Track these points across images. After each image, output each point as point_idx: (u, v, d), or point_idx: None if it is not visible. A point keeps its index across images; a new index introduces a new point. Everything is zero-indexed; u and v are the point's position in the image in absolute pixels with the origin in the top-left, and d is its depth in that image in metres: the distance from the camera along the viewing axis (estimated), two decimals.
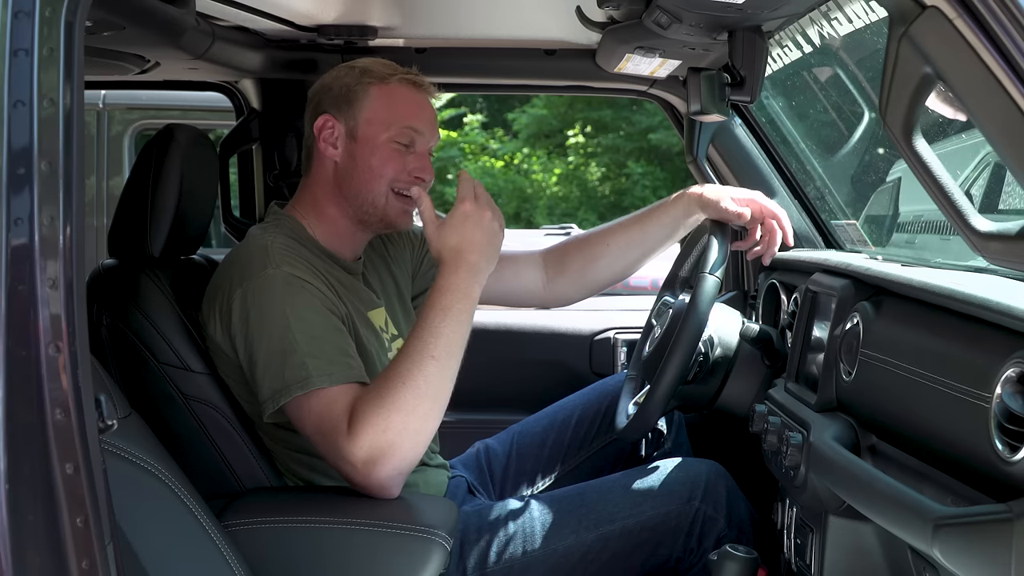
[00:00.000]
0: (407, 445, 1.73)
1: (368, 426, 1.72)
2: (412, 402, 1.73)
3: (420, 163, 2.01)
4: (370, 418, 1.72)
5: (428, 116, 2.04)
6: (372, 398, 1.75)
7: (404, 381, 1.74)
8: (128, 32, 1.86)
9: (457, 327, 1.78)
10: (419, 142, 2.02)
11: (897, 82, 1.32)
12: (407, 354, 1.77)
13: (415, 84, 2.03)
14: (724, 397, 2.18)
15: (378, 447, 1.71)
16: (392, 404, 1.72)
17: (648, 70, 2.37)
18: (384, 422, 1.72)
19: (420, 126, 2.01)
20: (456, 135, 14.80)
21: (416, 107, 2.02)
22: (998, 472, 1.26)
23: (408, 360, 1.76)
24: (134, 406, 1.56)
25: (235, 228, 2.81)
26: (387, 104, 2.00)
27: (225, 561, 1.55)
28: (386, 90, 2.01)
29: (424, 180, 2.01)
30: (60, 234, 1.17)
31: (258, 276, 1.86)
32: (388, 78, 2.02)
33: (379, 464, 1.72)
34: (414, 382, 1.74)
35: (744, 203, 2.20)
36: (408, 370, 1.75)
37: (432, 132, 2.04)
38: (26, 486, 1.16)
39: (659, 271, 2.59)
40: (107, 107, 5.61)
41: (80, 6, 1.19)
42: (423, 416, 1.74)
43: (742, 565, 1.88)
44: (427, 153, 2.04)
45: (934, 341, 1.50)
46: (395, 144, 1.99)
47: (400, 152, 2.00)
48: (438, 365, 1.75)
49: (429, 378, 1.74)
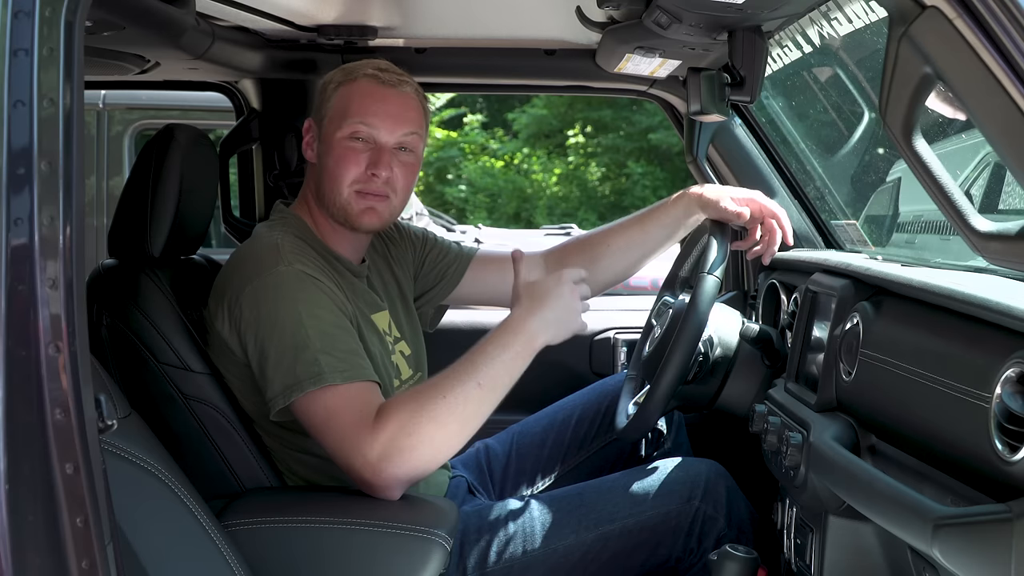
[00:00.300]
0: (425, 455, 1.74)
1: (395, 423, 1.73)
2: (446, 416, 1.75)
3: (375, 158, 1.96)
4: (400, 416, 1.73)
5: (387, 109, 1.97)
6: (408, 400, 1.76)
7: (445, 395, 1.76)
8: (128, 32, 1.86)
9: (509, 366, 1.81)
10: (378, 137, 1.97)
11: (897, 82, 1.32)
12: (456, 372, 1.79)
13: (377, 78, 1.98)
14: (724, 397, 2.18)
15: (397, 447, 1.72)
16: (426, 411, 1.74)
17: (648, 70, 2.37)
18: (412, 425, 1.73)
19: (373, 120, 1.96)
20: (456, 135, 14.80)
21: (372, 100, 1.97)
22: (998, 472, 1.26)
23: (455, 378, 1.78)
24: (134, 406, 1.56)
25: (235, 228, 2.81)
26: (343, 102, 1.98)
27: (225, 561, 1.55)
28: (347, 88, 1.98)
29: (378, 176, 1.96)
30: (60, 234, 1.17)
31: (270, 272, 1.85)
32: (354, 74, 1.99)
33: (392, 463, 1.72)
34: (455, 399, 1.76)
35: (744, 203, 2.20)
36: (452, 387, 1.77)
37: (394, 124, 1.97)
38: (26, 486, 1.16)
39: (659, 271, 2.59)
40: (107, 107, 5.62)
41: (80, 6, 1.19)
42: (450, 434, 1.76)
43: (742, 565, 1.88)
44: (387, 147, 1.97)
45: (934, 341, 1.50)
46: (349, 142, 1.96)
47: (355, 150, 1.96)
48: (480, 393, 1.77)
49: (468, 401, 1.76)
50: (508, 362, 1.80)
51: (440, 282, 2.32)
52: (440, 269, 2.31)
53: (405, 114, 1.99)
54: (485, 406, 1.79)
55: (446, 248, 2.34)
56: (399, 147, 1.99)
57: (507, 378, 1.81)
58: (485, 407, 1.79)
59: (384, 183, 1.97)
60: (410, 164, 2.01)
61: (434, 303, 2.34)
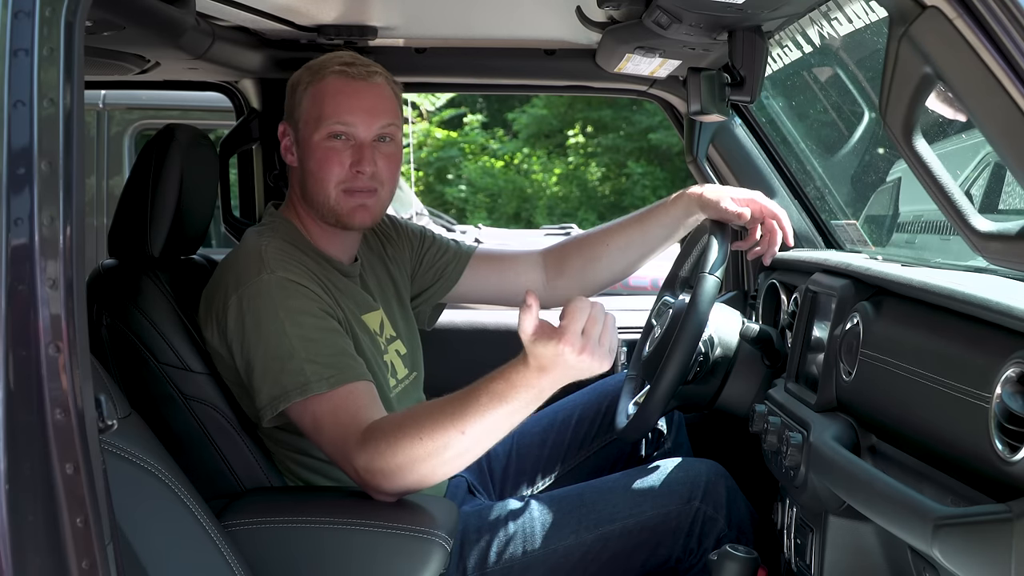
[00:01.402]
0: (409, 480, 1.70)
1: (374, 449, 1.69)
2: (422, 455, 1.66)
3: (357, 155, 1.95)
4: (379, 444, 1.69)
5: (361, 104, 1.95)
6: (391, 427, 1.70)
7: (422, 437, 1.65)
8: (128, 32, 1.86)
9: (500, 418, 1.63)
10: (356, 133, 1.95)
11: (897, 82, 1.32)
12: (440, 415, 1.65)
13: (345, 74, 1.96)
14: (724, 397, 2.18)
15: (378, 469, 1.70)
16: (402, 448, 1.67)
17: (648, 70, 2.37)
18: (391, 454, 1.68)
19: (349, 118, 1.94)
20: (456, 135, 14.80)
21: (345, 98, 1.95)
22: (998, 472, 1.26)
23: (437, 422, 1.65)
24: (134, 406, 1.56)
25: (235, 228, 2.81)
26: (315, 103, 1.96)
27: (225, 561, 1.54)
28: (317, 88, 1.97)
29: (363, 172, 1.95)
30: (60, 234, 1.17)
31: (253, 281, 1.85)
32: (321, 73, 1.97)
33: (375, 479, 1.71)
34: (432, 443, 1.65)
35: (744, 203, 2.20)
36: (432, 430, 1.65)
37: (370, 118, 1.95)
38: (26, 486, 1.16)
39: (659, 271, 2.59)
40: (107, 107, 5.61)
41: (80, 6, 1.19)
42: (431, 468, 1.68)
43: (742, 565, 1.88)
44: (368, 142, 1.96)
45: (934, 341, 1.50)
46: (328, 142, 1.95)
47: (336, 150, 1.95)
48: (463, 441, 1.65)
49: (448, 446, 1.65)
50: (499, 414, 1.63)
51: (438, 280, 2.31)
52: (438, 267, 2.31)
53: (380, 105, 1.97)
54: (468, 454, 1.67)
55: (444, 246, 2.33)
56: (379, 138, 1.98)
57: (495, 428, 1.65)
58: (468, 455, 1.68)
59: (370, 178, 1.96)
60: (392, 154, 2.00)
61: (431, 302, 2.34)
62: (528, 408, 1.64)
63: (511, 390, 1.62)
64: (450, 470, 1.71)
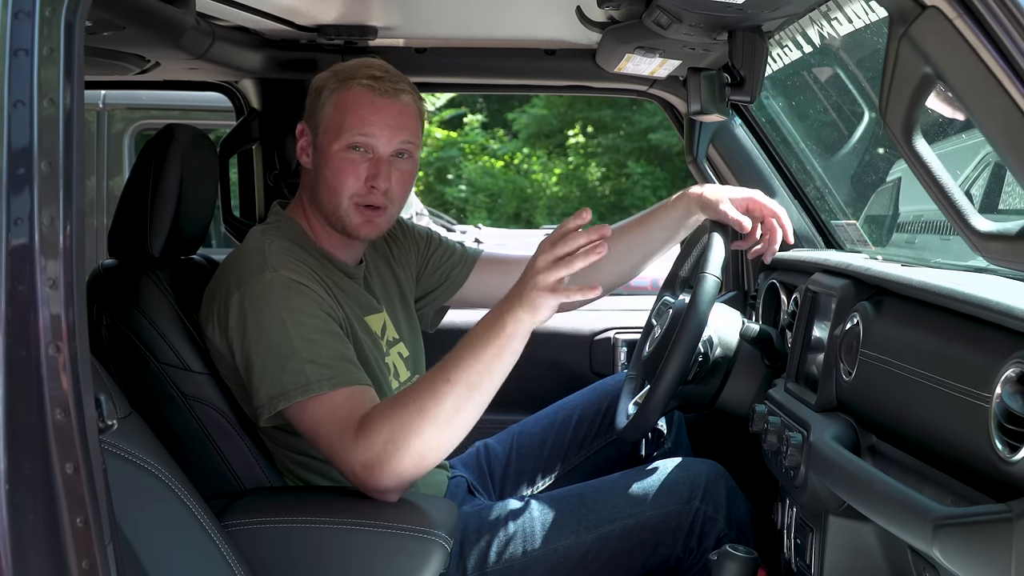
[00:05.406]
0: (407, 462, 1.71)
1: (373, 435, 1.71)
2: (419, 423, 1.70)
3: (374, 170, 1.95)
4: (376, 428, 1.71)
5: (384, 119, 1.95)
6: (385, 408, 1.74)
7: (415, 399, 1.71)
8: (128, 32, 1.86)
9: (479, 353, 1.69)
10: (376, 147, 1.95)
11: (897, 82, 1.32)
12: (425, 377, 1.75)
13: (373, 88, 1.95)
14: (724, 397, 2.18)
15: (377, 457, 1.71)
16: (399, 420, 1.71)
17: (648, 70, 2.37)
18: (389, 435, 1.70)
19: (372, 130, 1.94)
20: (456, 135, 14.80)
21: (369, 111, 1.94)
22: (998, 472, 1.26)
23: (422, 382, 1.74)
24: (134, 406, 1.56)
25: (235, 228, 2.81)
26: (339, 112, 1.95)
27: (225, 561, 1.54)
28: (342, 97, 1.96)
29: (377, 188, 1.95)
30: (60, 234, 1.17)
31: (255, 280, 1.85)
32: (348, 82, 1.96)
33: (377, 472, 1.72)
34: (423, 403, 1.70)
35: (744, 203, 2.20)
36: (418, 392, 1.72)
37: (392, 134, 1.95)
38: (26, 486, 1.15)
39: (659, 271, 2.59)
40: (107, 107, 5.62)
41: (80, 6, 1.19)
42: (429, 439, 1.70)
43: (742, 565, 1.88)
44: (385, 158, 1.96)
45: (934, 341, 1.50)
46: (347, 153, 1.94)
47: (354, 162, 1.95)
48: (452, 389, 1.69)
49: (440, 401, 1.69)
50: (477, 350, 1.70)
51: (443, 284, 2.31)
52: (444, 271, 2.31)
53: (403, 123, 1.97)
54: (463, 401, 1.70)
55: (451, 249, 2.33)
56: (396, 154, 1.98)
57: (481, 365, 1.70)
58: (463, 403, 1.71)
59: (383, 194, 1.96)
60: (407, 171, 2.00)
61: (436, 304, 2.34)
62: (505, 346, 1.69)
63: (484, 329, 1.71)
64: (444, 439, 1.72)
